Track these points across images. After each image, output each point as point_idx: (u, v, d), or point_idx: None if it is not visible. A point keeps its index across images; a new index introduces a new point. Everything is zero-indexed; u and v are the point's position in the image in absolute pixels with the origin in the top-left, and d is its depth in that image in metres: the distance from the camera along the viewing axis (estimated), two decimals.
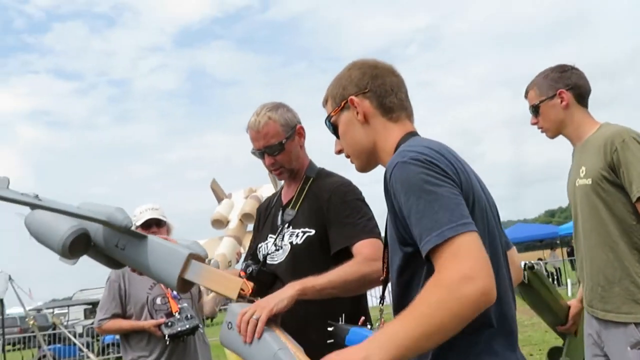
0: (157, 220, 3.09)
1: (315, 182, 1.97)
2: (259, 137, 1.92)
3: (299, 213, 1.91)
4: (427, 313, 0.95)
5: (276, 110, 1.94)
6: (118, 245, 1.66)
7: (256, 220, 2.17)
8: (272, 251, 1.92)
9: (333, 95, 1.36)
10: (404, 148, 1.16)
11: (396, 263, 1.17)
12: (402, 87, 1.33)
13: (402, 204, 1.07)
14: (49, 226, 1.63)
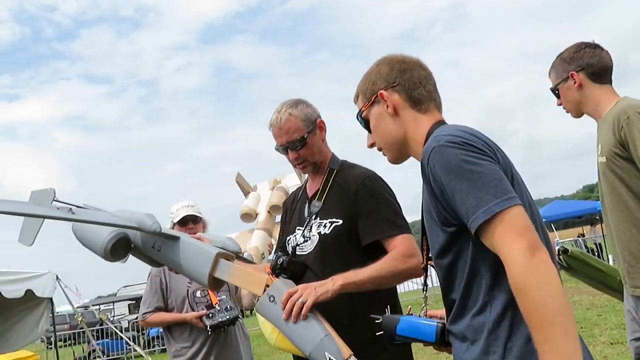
0: (193, 217, 3.19)
1: (339, 174, 2.02)
2: (282, 134, 1.99)
3: (325, 204, 1.97)
4: (542, 303, 0.97)
5: (296, 106, 2.00)
6: (154, 247, 1.78)
7: (283, 214, 2.24)
8: (300, 242, 1.98)
9: (363, 91, 1.41)
10: (437, 133, 1.20)
11: (439, 244, 1.19)
12: (430, 79, 1.38)
13: (445, 186, 1.10)
14: (92, 232, 1.76)
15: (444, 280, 1.21)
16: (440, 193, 1.13)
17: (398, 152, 1.38)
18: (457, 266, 1.17)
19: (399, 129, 1.35)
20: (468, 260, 1.14)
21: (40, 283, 8.30)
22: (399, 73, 1.36)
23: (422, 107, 1.34)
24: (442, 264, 1.20)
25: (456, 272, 1.17)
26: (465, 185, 1.07)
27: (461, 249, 1.15)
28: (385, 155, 1.42)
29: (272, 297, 1.65)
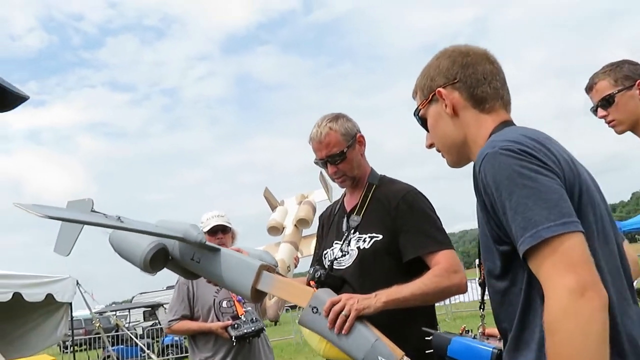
0: (222, 226, 3.21)
1: (378, 189, 2.02)
2: (321, 147, 2.00)
3: (364, 219, 1.97)
4: (568, 355, 0.86)
5: (336, 121, 2.01)
6: (194, 259, 1.77)
7: (319, 227, 2.24)
8: (338, 256, 1.98)
9: (421, 87, 1.28)
10: (494, 138, 1.08)
11: (493, 264, 1.07)
12: (497, 74, 1.23)
13: (494, 200, 0.99)
14: (131, 243, 1.76)
15: (498, 306, 1.09)
16: (491, 207, 1.02)
17: (458, 156, 1.26)
18: (512, 293, 1.04)
19: (458, 130, 1.22)
20: (523, 288, 1.01)
21: (61, 288, 8.38)
22: (460, 68, 1.21)
23: (485, 106, 1.20)
24: (496, 287, 1.09)
25: (511, 300, 1.04)
26: (515, 201, 0.95)
27: (516, 275, 1.02)
28: (444, 158, 1.30)
29: (315, 309, 1.64)
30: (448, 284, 1.76)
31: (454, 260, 1.82)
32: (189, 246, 1.75)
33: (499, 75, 1.23)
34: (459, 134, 1.22)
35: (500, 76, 1.23)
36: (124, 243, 1.79)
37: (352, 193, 2.10)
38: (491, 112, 1.20)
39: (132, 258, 1.76)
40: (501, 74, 1.24)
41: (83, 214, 1.73)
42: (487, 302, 1.23)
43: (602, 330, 0.87)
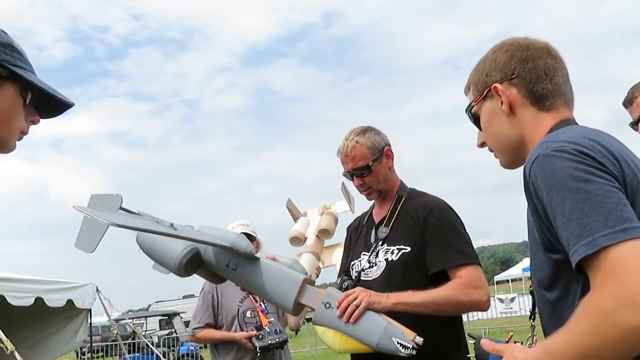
0: (248, 235, 3.22)
1: (407, 202, 2.03)
2: (348, 160, 2.01)
3: (392, 231, 1.97)
4: (581, 342, 0.84)
5: (364, 134, 2.02)
6: (229, 265, 1.75)
7: (347, 239, 2.25)
8: (366, 267, 1.98)
9: (475, 82, 1.20)
10: (548, 138, 1.00)
11: (543, 273, 1.02)
12: (559, 69, 1.14)
13: (546, 205, 0.92)
14: (164, 246, 1.75)
15: (547, 318, 1.04)
16: (543, 212, 0.94)
17: (512, 157, 1.17)
18: (564, 305, 0.98)
19: (514, 130, 1.14)
20: (576, 300, 0.93)
21: (81, 294, 8.45)
22: (519, 63, 1.13)
23: (546, 103, 1.11)
24: (546, 298, 1.03)
25: (561, 312, 0.98)
26: (568, 206, 0.87)
27: (569, 285, 0.97)
28: (497, 158, 1.22)
29: (327, 304, 1.68)
30: (465, 299, 1.78)
31: (477, 276, 1.82)
32: (224, 252, 1.74)
33: (561, 71, 1.14)
34: (515, 134, 1.14)
35: (562, 72, 1.15)
36: (157, 245, 1.76)
37: (380, 205, 2.11)
38: (551, 110, 1.12)
39: (165, 261, 1.75)
40: (564, 70, 1.15)
41: (149, 222, 1.68)
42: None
43: (634, 344, 0.80)
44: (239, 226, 3.27)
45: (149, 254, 1.81)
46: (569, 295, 0.97)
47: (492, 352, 1.07)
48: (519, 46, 1.15)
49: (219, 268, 1.77)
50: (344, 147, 2.02)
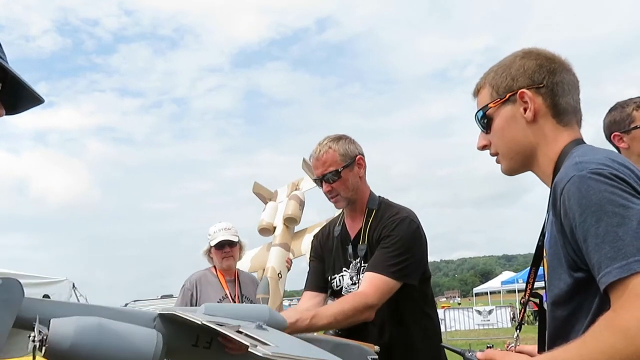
0: (229, 241, 3.23)
1: (377, 215, 2.03)
2: (319, 165, 2.02)
3: (369, 247, 1.98)
4: (599, 359, 0.86)
5: (338, 141, 2.03)
6: (198, 344, 1.44)
7: (317, 248, 2.20)
8: (348, 284, 2.02)
9: (495, 84, 1.18)
10: (580, 159, 1.00)
11: (560, 288, 1.03)
12: (577, 88, 1.16)
13: (577, 225, 0.93)
14: (120, 343, 1.30)
15: (556, 331, 1.06)
16: (570, 231, 0.96)
17: (519, 164, 1.18)
18: (575, 320, 1.00)
19: (530, 138, 1.13)
20: (589, 316, 0.97)
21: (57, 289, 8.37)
22: (548, 74, 1.13)
23: (565, 118, 1.13)
24: (557, 314, 1.05)
25: (573, 326, 1.00)
26: (603, 229, 0.89)
27: (585, 301, 0.99)
28: (499, 163, 1.21)
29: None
30: (348, 307, 1.78)
31: (376, 285, 1.82)
32: (192, 328, 1.39)
33: (578, 89, 1.17)
34: (531, 142, 1.14)
35: (579, 91, 1.17)
36: (110, 344, 1.26)
37: (352, 217, 2.10)
38: (567, 126, 1.13)
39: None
40: (579, 89, 1.17)
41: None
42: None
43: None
44: (220, 231, 3.27)
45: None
46: (582, 311, 0.99)
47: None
48: (547, 57, 1.16)
49: (181, 351, 1.46)
50: (316, 152, 2.03)
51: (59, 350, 1.21)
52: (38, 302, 1.33)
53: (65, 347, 1.21)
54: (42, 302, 1.37)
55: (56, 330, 1.22)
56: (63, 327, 1.22)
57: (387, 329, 1.92)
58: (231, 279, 3.31)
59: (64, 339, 1.21)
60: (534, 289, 1.24)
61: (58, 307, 1.34)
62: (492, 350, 1.12)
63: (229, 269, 3.30)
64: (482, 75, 1.24)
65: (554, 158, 1.11)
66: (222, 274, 3.29)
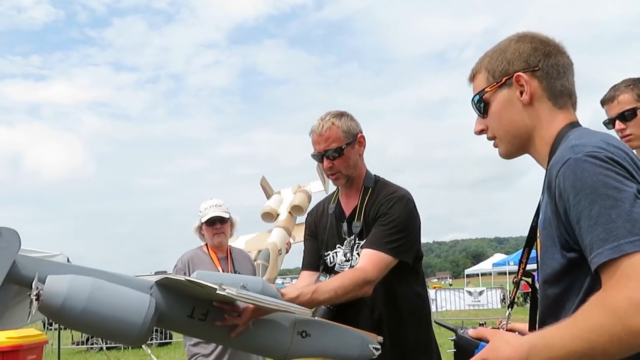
0: (220, 217, 3.23)
1: (373, 193, 2.04)
2: (321, 141, 2.00)
3: (364, 225, 2.00)
4: (587, 337, 0.89)
5: (340, 118, 2.02)
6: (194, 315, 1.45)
7: (312, 225, 2.22)
8: (342, 261, 2.03)
9: (491, 69, 1.19)
10: (576, 142, 1.01)
11: (552, 268, 1.05)
12: (572, 70, 1.18)
13: (571, 207, 0.96)
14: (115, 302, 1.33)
15: (547, 309, 1.09)
16: (563, 212, 0.98)
17: (516, 147, 1.20)
18: (566, 298, 1.03)
19: (526, 121, 1.15)
20: (580, 295, 1.00)
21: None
22: (543, 56, 1.14)
23: (560, 101, 1.15)
24: (549, 292, 1.08)
25: (564, 305, 1.04)
26: (596, 211, 0.91)
27: (576, 280, 1.01)
28: (497, 147, 1.23)
29: (303, 333, 1.59)
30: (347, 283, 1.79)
31: (373, 261, 1.85)
32: (188, 298, 1.43)
33: (572, 71, 1.18)
34: (527, 125, 1.16)
35: (573, 73, 1.18)
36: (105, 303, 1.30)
37: (348, 195, 2.11)
38: (563, 109, 1.15)
39: (118, 321, 1.31)
40: (573, 72, 1.18)
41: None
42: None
43: (632, 350, 0.86)
44: (211, 207, 3.26)
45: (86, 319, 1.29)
46: (572, 291, 1.02)
47: (482, 338, 1.11)
48: (541, 40, 1.17)
49: (175, 321, 1.47)
50: (319, 127, 2.01)
51: (52, 306, 1.26)
52: (39, 261, 1.38)
53: (58, 304, 1.25)
54: (42, 262, 1.40)
55: (50, 286, 1.26)
56: (57, 284, 1.26)
57: (377, 306, 1.95)
58: (223, 255, 3.32)
59: (57, 295, 1.26)
60: (526, 270, 1.26)
61: (58, 267, 1.38)
62: (483, 328, 1.15)
63: (220, 246, 3.31)
64: (477, 60, 1.25)
65: (549, 141, 1.13)
66: (214, 252, 3.30)
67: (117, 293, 1.32)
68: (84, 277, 1.31)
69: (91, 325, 1.32)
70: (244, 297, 1.23)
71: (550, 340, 0.95)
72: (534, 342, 0.98)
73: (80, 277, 1.30)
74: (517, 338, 1.03)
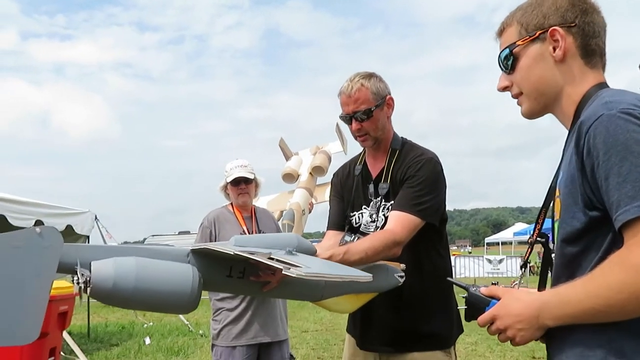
0: (245, 178, 3.29)
1: (400, 155, 2.05)
2: (350, 102, 2.00)
3: (391, 186, 2.02)
4: (606, 294, 0.90)
5: (369, 79, 2.01)
6: (232, 274, 1.52)
7: (337, 186, 2.24)
8: (367, 222, 2.05)
9: (525, 22, 1.16)
10: (610, 99, 0.99)
11: (572, 226, 1.03)
12: (605, 31, 1.15)
13: (600, 163, 0.94)
14: (162, 274, 1.40)
15: (562, 268, 1.07)
16: (590, 170, 0.97)
17: (542, 105, 1.17)
18: (584, 257, 1.02)
19: (558, 78, 1.12)
20: (599, 254, 0.99)
21: (80, 220, 8.60)
22: (580, 13, 1.12)
23: (592, 60, 1.12)
24: (567, 251, 1.06)
25: (580, 264, 1.02)
26: (626, 168, 0.90)
27: (596, 239, 1.00)
28: (520, 105, 1.20)
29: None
30: (379, 245, 1.82)
31: (402, 224, 1.88)
32: (224, 259, 1.50)
33: (605, 33, 1.16)
34: (558, 82, 1.13)
35: (606, 34, 1.16)
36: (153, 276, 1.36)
37: (375, 156, 2.12)
38: (594, 69, 1.13)
39: (169, 293, 1.38)
40: (606, 32, 1.16)
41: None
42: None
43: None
44: (236, 167, 3.31)
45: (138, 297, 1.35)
46: (590, 250, 1.01)
47: (494, 296, 1.12)
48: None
49: (216, 283, 1.56)
50: (347, 88, 2.00)
51: (103, 290, 1.33)
52: (77, 247, 1.44)
53: (109, 287, 1.32)
54: (82, 247, 1.47)
55: (98, 272, 1.32)
56: (104, 268, 1.33)
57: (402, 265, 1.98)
58: (248, 215, 3.39)
59: (106, 279, 1.32)
60: (541, 232, 1.25)
61: (96, 251, 1.43)
62: (495, 286, 1.16)
63: (244, 206, 3.38)
64: (508, 14, 1.22)
65: (576, 99, 1.11)
66: (239, 211, 3.38)
67: (161, 268, 1.38)
68: (126, 257, 1.37)
69: (143, 302, 1.39)
70: (314, 275, 1.21)
71: (565, 297, 0.97)
72: (547, 299, 0.99)
73: (123, 259, 1.36)
74: (528, 295, 1.05)
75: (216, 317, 3.20)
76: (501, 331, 1.07)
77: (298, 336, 8.01)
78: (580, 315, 0.94)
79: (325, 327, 9.10)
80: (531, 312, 1.00)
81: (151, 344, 7.85)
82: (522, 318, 1.02)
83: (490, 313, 1.09)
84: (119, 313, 11.79)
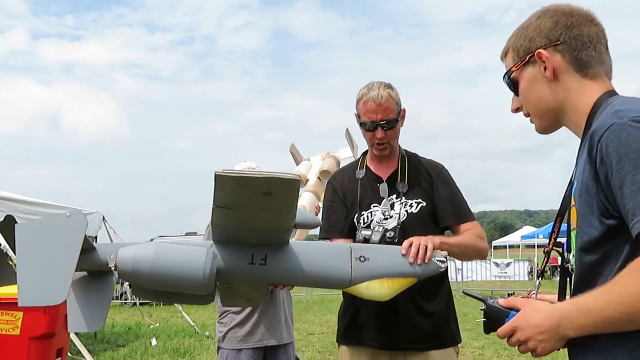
0: None
1: (411, 160, 2.19)
2: (379, 111, 2.04)
3: (409, 186, 2.12)
4: (628, 302, 0.90)
5: (392, 89, 2.08)
6: (254, 262, 1.57)
7: (338, 190, 2.23)
8: (380, 219, 2.10)
9: (516, 48, 1.21)
10: (620, 107, 1.01)
11: (590, 235, 1.04)
12: (601, 37, 1.16)
13: (613, 172, 0.95)
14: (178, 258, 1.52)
15: (582, 277, 1.07)
16: (604, 178, 0.97)
17: (550, 121, 1.21)
18: (604, 266, 1.02)
19: (555, 95, 1.15)
20: (619, 262, 0.99)
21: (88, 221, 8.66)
22: (564, 29, 1.14)
23: (589, 71, 1.14)
24: (585, 260, 1.06)
25: (601, 272, 1.02)
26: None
27: (614, 248, 1.00)
28: (533, 123, 1.24)
29: (362, 257, 1.65)
30: (482, 246, 2.08)
31: (481, 230, 2.13)
32: (242, 248, 1.57)
33: (603, 39, 1.17)
34: (556, 99, 1.16)
35: (604, 40, 1.17)
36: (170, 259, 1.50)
37: (380, 161, 2.19)
38: (595, 79, 1.14)
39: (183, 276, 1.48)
40: (605, 38, 1.17)
41: None
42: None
43: None
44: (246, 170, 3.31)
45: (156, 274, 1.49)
46: (610, 258, 1.01)
47: (513, 307, 1.12)
48: (564, 13, 1.17)
49: (240, 271, 1.60)
50: (377, 97, 2.03)
51: (126, 270, 1.52)
52: (113, 246, 1.65)
53: (129, 267, 1.51)
54: (115, 245, 1.66)
55: (121, 256, 1.54)
56: (126, 252, 1.53)
57: None
58: None
59: (127, 260, 1.52)
60: (557, 241, 1.25)
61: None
62: (514, 297, 1.16)
63: None
64: (508, 38, 1.27)
65: (585, 111, 1.12)
66: None
67: (178, 250, 1.53)
68: (148, 243, 1.58)
69: (160, 280, 1.51)
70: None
71: (585, 306, 0.96)
72: (567, 309, 0.99)
73: (143, 244, 1.56)
74: (548, 306, 1.05)
75: (222, 320, 3.20)
76: (522, 343, 1.07)
77: (304, 339, 8.02)
78: (601, 325, 0.94)
79: (332, 330, 9.09)
80: (551, 323, 1.00)
81: (157, 345, 7.87)
82: (542, 329, 1.02)
83: (510, 325, 1.09)
84: (126, 314, 11.83)
